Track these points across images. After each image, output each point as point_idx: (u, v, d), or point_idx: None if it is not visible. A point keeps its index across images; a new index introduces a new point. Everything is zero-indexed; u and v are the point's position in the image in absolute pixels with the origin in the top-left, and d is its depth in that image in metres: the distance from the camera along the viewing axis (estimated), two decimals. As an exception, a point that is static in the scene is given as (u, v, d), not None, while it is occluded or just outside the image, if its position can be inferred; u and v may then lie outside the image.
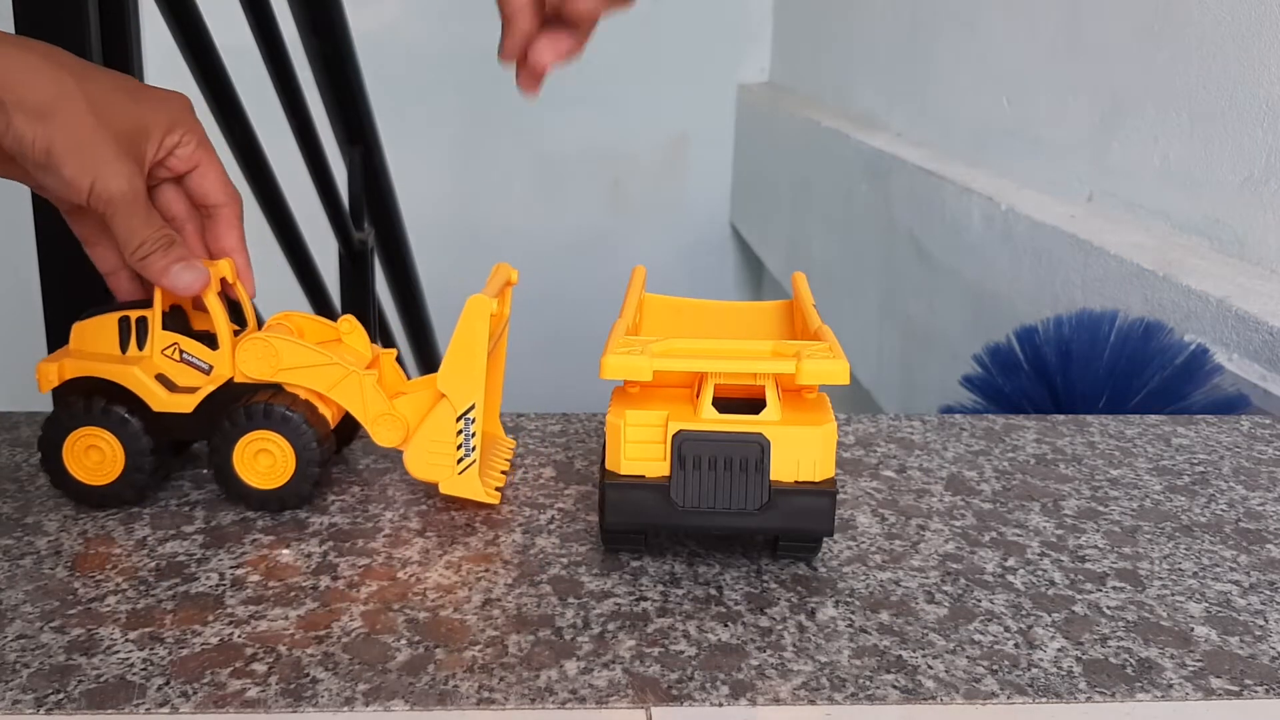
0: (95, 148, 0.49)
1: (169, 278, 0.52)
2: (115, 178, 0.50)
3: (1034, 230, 1.20)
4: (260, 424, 0.52)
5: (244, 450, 0.52)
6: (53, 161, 0.49)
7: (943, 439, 0.65)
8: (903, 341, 1.59)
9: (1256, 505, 0.57)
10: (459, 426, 0.52)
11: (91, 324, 0.54)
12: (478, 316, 0.51)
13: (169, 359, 0.54)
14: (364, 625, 0.44)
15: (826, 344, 0.48)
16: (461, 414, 0.52)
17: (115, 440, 0.52)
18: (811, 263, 2.03)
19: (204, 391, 0.53)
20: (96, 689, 0.40)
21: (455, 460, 0.52)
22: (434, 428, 0.52)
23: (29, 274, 0.92)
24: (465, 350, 0.51)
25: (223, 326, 0.53)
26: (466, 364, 0.51)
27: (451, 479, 0.53)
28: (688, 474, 0.46)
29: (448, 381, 0.52)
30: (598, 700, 0.40)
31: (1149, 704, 0.40)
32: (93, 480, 0.53)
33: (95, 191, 0.50)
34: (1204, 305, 0.91)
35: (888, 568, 0.50)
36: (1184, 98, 1.06)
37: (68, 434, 0.52)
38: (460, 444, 0.52)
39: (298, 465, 0.52)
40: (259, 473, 0.53)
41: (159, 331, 0.53)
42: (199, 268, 0.53)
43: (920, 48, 1.70)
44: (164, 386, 0.53)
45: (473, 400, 0.52)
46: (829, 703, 0.40)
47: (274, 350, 0.53)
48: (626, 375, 0.46)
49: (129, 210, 0.51)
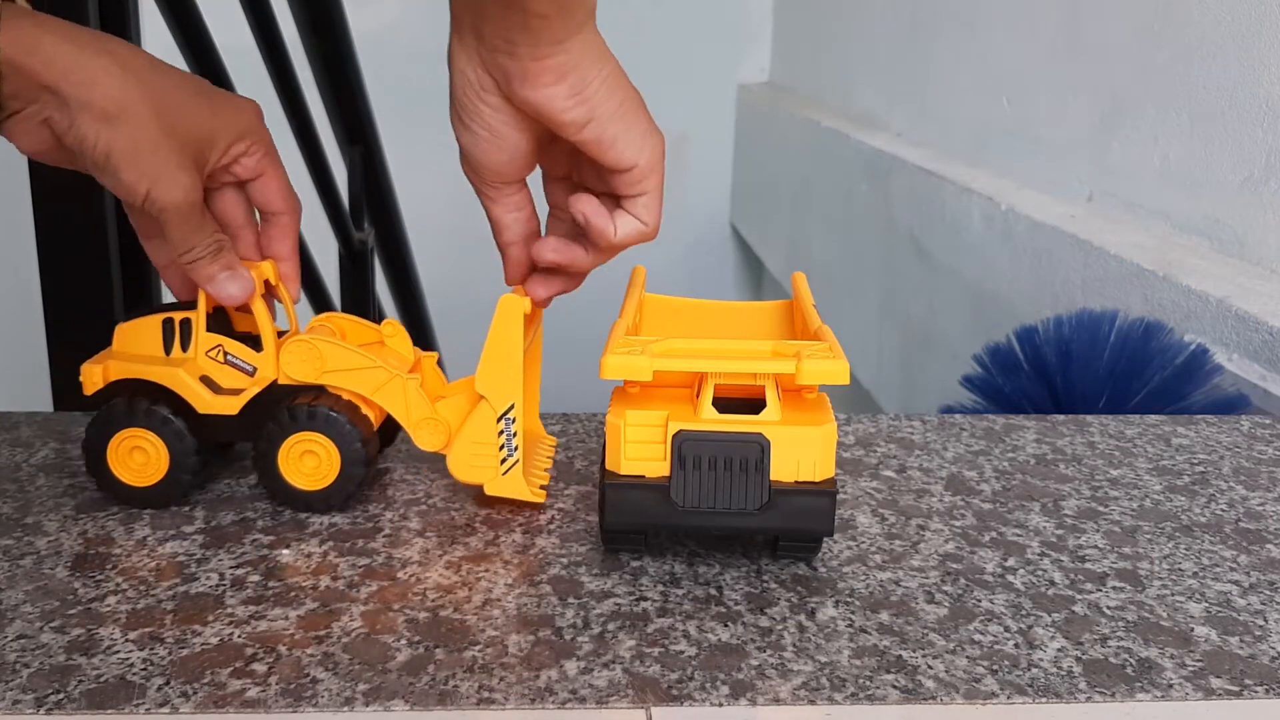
0: (155, 156, 0.49)
1: (215, 285, 0.52)
2: (173, 188, 0.50)
3: (1034, 230, 1.20)
4: (305, 426, 0.52)
5: (289, 452, 0.52)
6: (111, 165, 0.49)
7: (943, 439, 0.65)
8: (903, 341, 1.59)
9: (1256, 505, 0.57)
10: (500, 427, 0.52)
11: (135, 325, 0.54)
12: (511, 315, 0.51)
13: (213, 361, 0.53)
14: (364, 625, 0.44)
15: (826, 344, 0.48)
16: (502, 414, 0.52)
17: (160, 442, 0.52)
18: (811, 263, 2.03)
19: (249, 394, 0.53)
20: (96, 689, 0.40)
21: (499, 461, 0.52)
22: (475, 430, 0.52)
23: (29, 274, 0.92)
24: (501, 350, 0.51)
25: (267, 328, 0.53)
26: (503, 364, 0.51)
27: (496, 480, 0.53)
28: (688, 474, 0.46)
29: (485, 382, 0.52)
30: (598, 700, 0.40)
31: (1149, 704, 0.40)
32: (137, 481, 0.53)
33: (150, 198, 0.50)
34: (1204, 305, 0.91)
35: (888, 568, 0.50)
36: (1184, 98, 1.06)
37: (113, 435, 0.52)
38: (502, 444, 0.52)
39: (342, 467, 0.52)
40: (304, 474, 0.53)
41: (203, 333, 0.53)
42: (245, 276, 0.53)
43: (920, 48, 1.70)
44: (208, 388, 0.53)
45: (512, 400, 0.52)
46: (829, 703, 0.40)
47: (318, 352, 0.53)
48: (626, 375, 0.46)
49: (183, 219, 0.51)
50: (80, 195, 0.90)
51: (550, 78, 0.46)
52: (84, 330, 0.92)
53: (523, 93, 0.47)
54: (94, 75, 0.49)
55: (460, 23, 0.48)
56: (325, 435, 0.52)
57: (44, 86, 0.48)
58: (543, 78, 0.46)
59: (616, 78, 0.48)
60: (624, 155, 0.49)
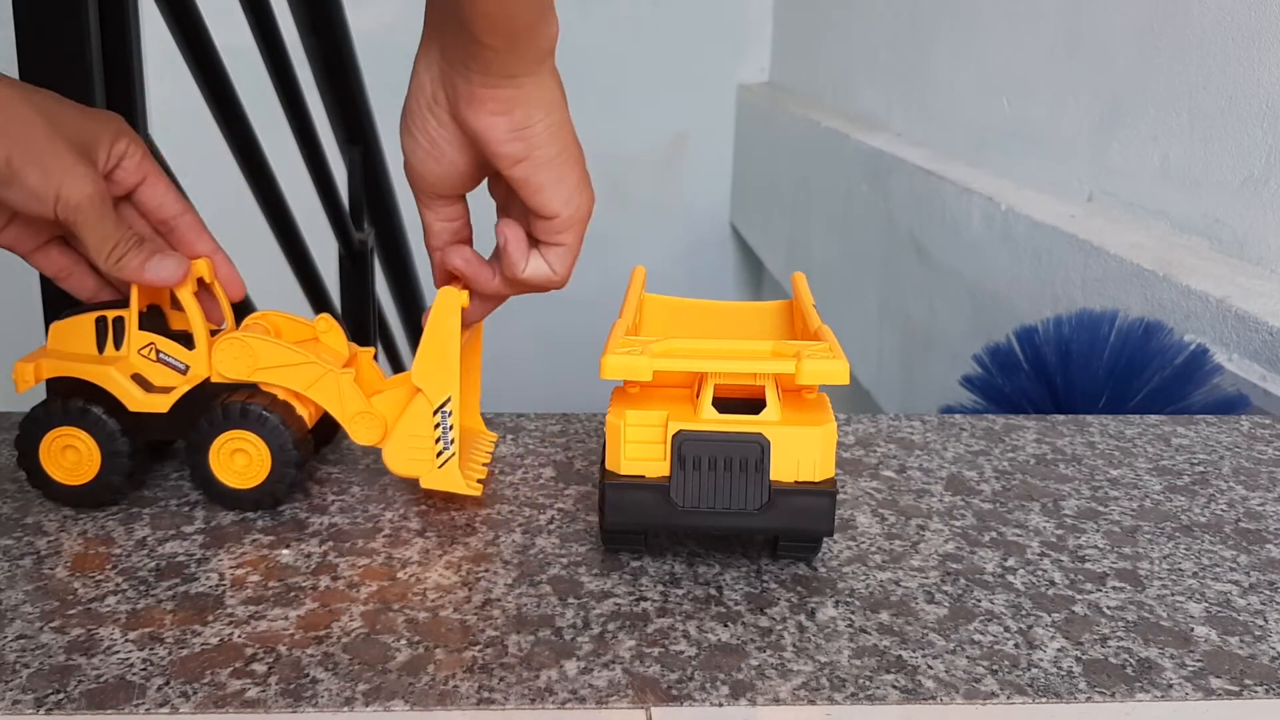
0: (55, 155, 0.49)
1: (149, 272, 0.52)
2: (80, 181, 0.50)
3: (1034, 230, 1.20)
4: (236, 423, 0.52)
5: (220, 449, 0.52)
6: (13, 171, 0.48)
7: (943, 439, 0.65)
8: (903, 341, 1.59)
9: (1256, 505, 0.57)
10: (436, 420, 0.52)
11: (69, 324, 0.54)
12: (449, 308, 0.51)
13: (145, 359, 0.53)
14: (364, 625, 0.44)
15: (826, 344, 0.48)
16: (438, 407, 0.52)
17: (91, 440, 0.52)
18: (811, 263, 2.03)
19: (179, 391, 0.53)
20: (96, 689, 0.40)
21: (434, 454, 0.52)
22: (411, 422, 0.52)
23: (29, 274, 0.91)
24: (438, 343, 0.51)
25: (199, 326, 0.53)
26: (440, 357, 0.51)
27: (432, 473, 0.53)
28: (688, 474, 0.46)
29: (422, 375, 0.51)
30: (598, 700, 0.40)
31: (1149, 704, 0.40)
32: (69, 480, 0.53)
33: (62, 199, 0.49)
34: (1204, 305, 0.91)
35: (888, 568, 0.50)
36: (1184, 98, 1.06)
37: (44, 433, 0.52)
38: (439, 437, 0.52)
39: (273, 465, 0.52)
40: (235, 472, 0.53)
41: (135, 331, 0.53)
42: (176, 256, 0.52)
43: (920, 48, 1.70)
44: (140, 386, 0.53)
45: (448, 393, 0.52)
46: (829, 703, 0.40)
47: (251, 350, 0.53)
48: (626, 375, 0.46)
49: (98, 214, 0.50)
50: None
51: (495, 106, 0.46)
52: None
53: (467, 114, 0.47)
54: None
55: (429, 33, 0.48)
56: (256, 434, 0.52)
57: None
58: (488, 104, 0.46)
59: (562, 128, 0.49)
60: (549, 203, 0.49)
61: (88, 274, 0.56)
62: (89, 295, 0.56)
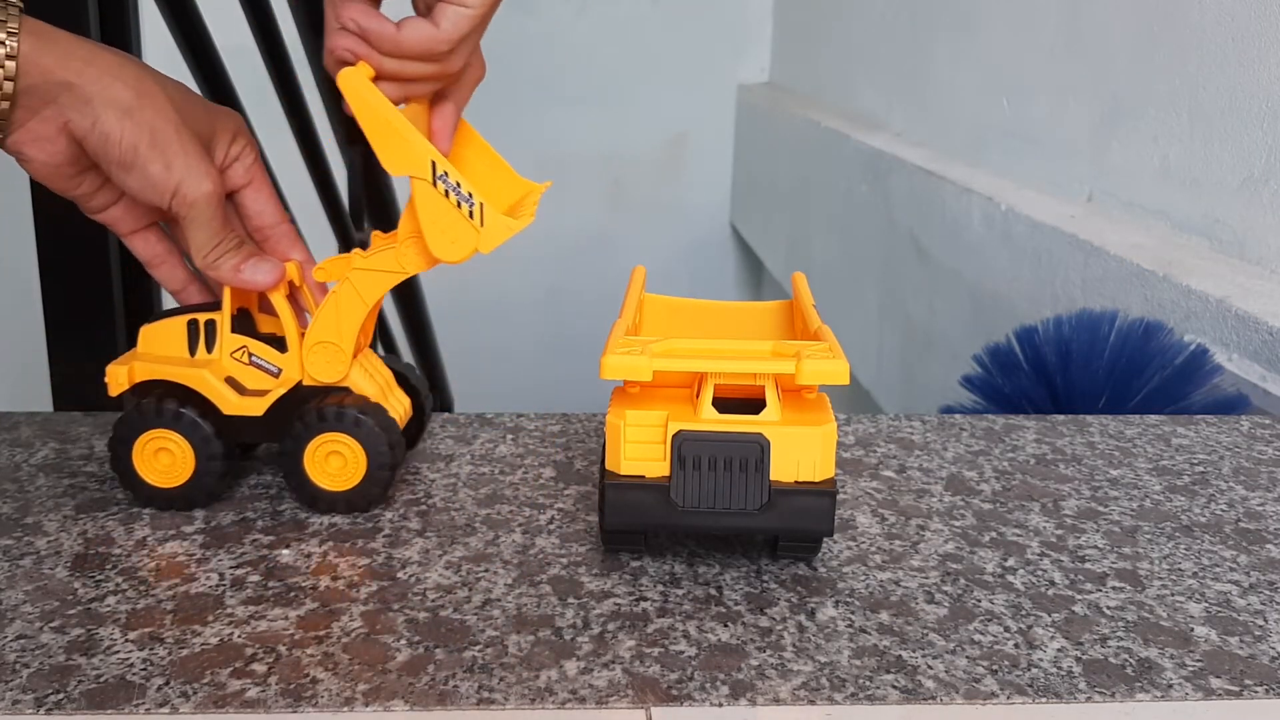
0: (180, 149, 0.49)
1: (245, 274, 0.51)
2: (200, 179, 0.49)
3: (1034, 230, 1.20)
4: (332, 427, 0.52)
5: (315, 453, 0.52)
6: (139, 160, 0.48)
7: (943, 439, 0.65)
8: (903, 341, 1.59)
9: (1256, 505, 0.57)
10: (441, 189, 0.49)
11: (159, 327, 0.54)
12: (356, 86, 0.48)
13: (238, 362, 0.53)
14: (364, 625, 0.44)
15: (826, 344, 0.48)
16: (433, 179, 0.49)
17: (186, 443, 0.52)
18: (811, 263, 2.03)
19: (275, 395, 0.53)
20: (96, 689, 0.40)
21: (467, 219, 0.49)
22: (427, 212, 0.49)
23: (29, 274, 0.92)
24: (375, 122, 0.48)
25: (292, 330, 0.53)
26: (389, 134, 0.48)
27: (483, 237, 0.49)
28: (688, 474, 0.46)
29: (388, 160, 0.48)
30: (598, 700, 0.40)
31: (1149, 704, 0.40)
32: (161, 483, 0.53)
33: (180, 193, 0.49)
34: (1204, 305, 0.91)
35: (888, 568, 0.50)
36: (1184, 98, 1.06)
37: (138, 436, 0.52)
38: (457, 202, 0.49)
39: (369, 468, 0.52)
40: (330, 475, 0.52)
41: (228, 334, 0.53)
42: (272, 260, 0.52)
43: (920, 48, 1.70)
44: (233, 390, 0.53)
45: (428, 158, 0.48)
46: (829, 703, 0.40)
47: (343, 354, 0.53)
48: (626, 375, 0.46)
49: (210, 213, 0.50)
50: (80, 195, 0.90)
51: None
52: (84, 330, 0.92)
53: None
54: (109, 67, 0.48)
55: None
56: (352, 437, 0.52)
57: (62, 83, 0.47)
58: None
59: None
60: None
61: (179, 265, 0.56)
62: (177, 287, 0.56)
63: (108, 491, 0.56)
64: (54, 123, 0.48)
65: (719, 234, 2.81)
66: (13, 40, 0.46)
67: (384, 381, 0.55)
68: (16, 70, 0.46)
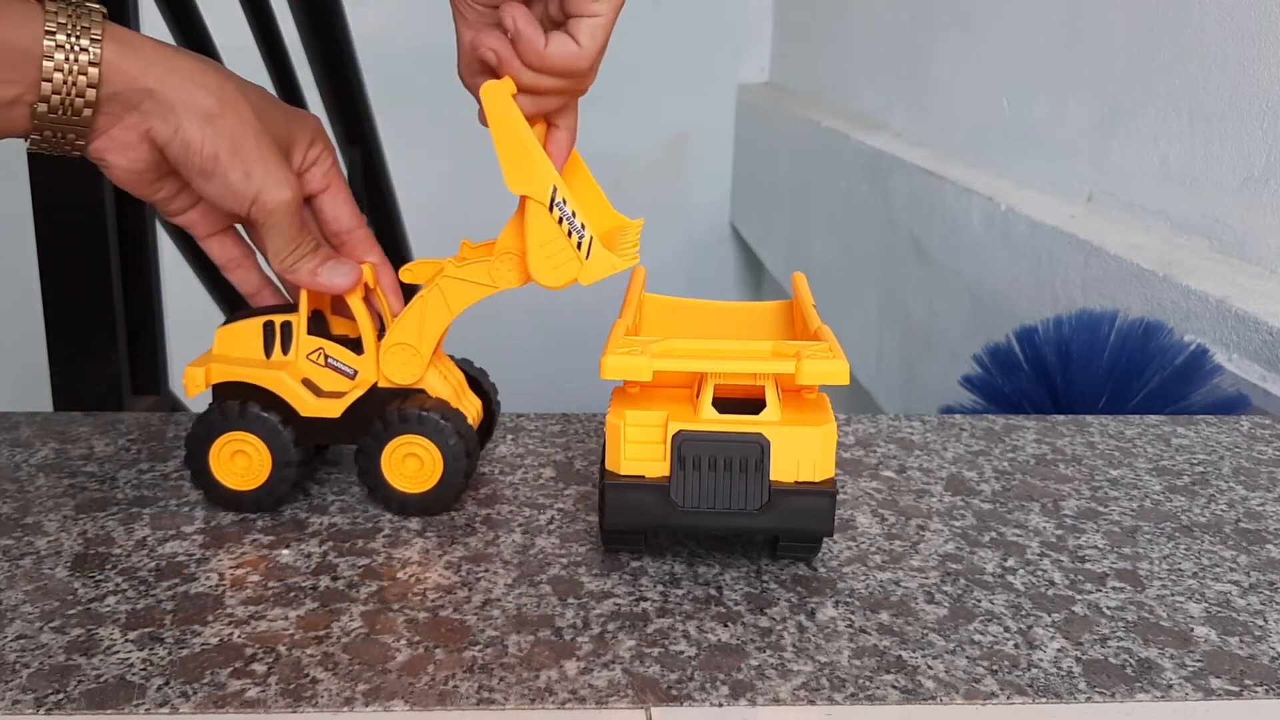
0: (260, 156, 0.49)
1: (322, 277, 0.51)
2: (280, 187, 0.49)
3: (1034, 230, 1.20)
4: (409, 429, 0.51)
5: (392, 455, 0.52)
6: (220, 167, 0.48)
7: (943, 439, 0.65)
8: (903, 341, 1.59)
9: (1256, 505, 0.57)
10: (556, 216, 0.49)
11: (235, 328, 0.54)
12: (498, 101, 0.48)
13: (314, 364, 0.53)
14: (364, 625, 0.44)
15: (826, 344, 0.48)
16: (550, 203, 0.49)
17: (263, 445, 0.52)
18: (811, 263, 2.03)
19: (351, 396, 0.53)
20: (96, 689, 0.40)
21: (574, 248, 0.49)
22: (535, 234, 0.49)
23: (29, 274, 0.92)
24: (509, 140, 0.48)
25: (368, 332, 0.53)
26: (519, 153, 0.48)
27: (584, 268, 0.50)
28: (688, 474, 0.46)
29: (514, 179, 0.49)
30: (598, 700, 0.40)
31: (1149, 704, 0.40)
32: (237, 485, 0.53)
33: (259, 201, 0.49)
34: (1204, 305, 0.91)
35: (888, 568, 0.50)
36: (1184, 98, 1.06)
37: (216, 437, 0.52)
38: (568, 230, 0.49)
39: (445, 469, 0.52)
40: (407, 477, 0.52)
41: (304, 336, 0.53)
42: (349, 263, 0.52)
43: (920, 48, 1.70)
44: (310, 391, 0.53)
45: (549, 183, 0.49)
46: (829, 703, 0.40)
47: (420, 357, 0.52)
48: (626, 375, 0.46)
49: (290, 219, 0.50)
50: (80, 195, 0.90)
51: None
52: (84, 330, 0.92)
53: None
54: (191, 74, 0.48)
55: None
56: (428, 438, 0.51)
57: (145, 89, 0.47)
58: None
59: None
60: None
61: (254, 269, 0.56)
62: (251, 290, 0.56)
63: (107, 491, 0.56)
64: (136, 130, 0.48)
65: (719, 234, 2.81)
66: (96, 47, 0.46)
67: (457, 384, 0.55)
68: (100, 77, 0.46)
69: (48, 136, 0.47)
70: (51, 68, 0.45)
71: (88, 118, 0.47)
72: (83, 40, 0.46)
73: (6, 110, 0.46)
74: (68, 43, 0.45)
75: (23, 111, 0.46)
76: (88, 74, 0.46)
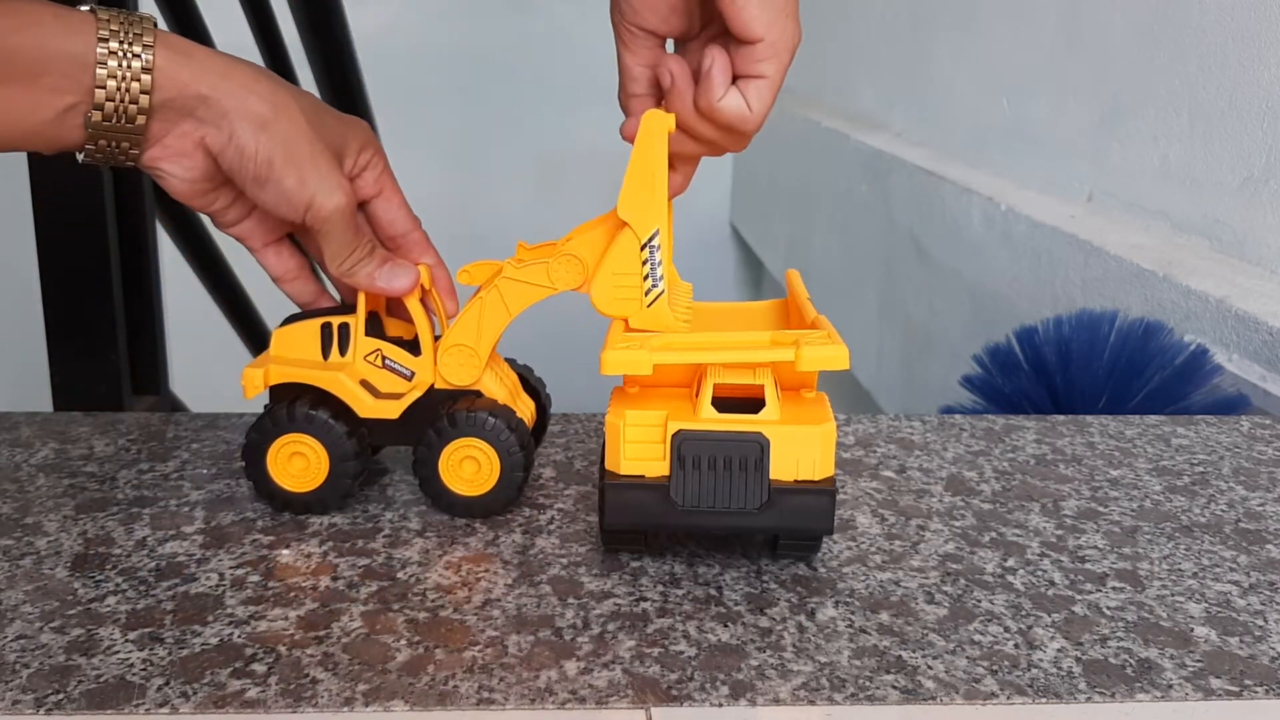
0: (314, 162, 0.49)
1: (380, 280, 0.51)
2: (334, 192, 0.49)
3: (1034, 230, 1.20)
4: (466, 431, 0.51)
5: (449, 458, 0.52)
6: (274, 174, 0.48)
7: (943, 439, 0.65)
8: (903, 341, 1.59)
9: (1256, 505, 0.57)
10: (644, 256, 0.49)
11: (292, 330, 0.53)
12: (655, 132, 0.48)
13: (371, 365, 0.53)
14: (364, 625, 0.44)
15: (824, 331, 0.48)
16: (645, 242, 0.49)
17: (322, 448, 0.52)
18: (811, 263, 2.03)
19: (410, 398, 0.53)
20: (96, 689, 0.40)
21: (644, 292, 0.49)
22: (617, 260, 0.49)
23: (29, 274, 0.92)
24: (645, 171, 0.48)
25: (426, 334, 0.53)
26: (648, 186, 0.48)
27: (640, 312, 0.50)
28: (687, 474, 0.46)
29: (629, 207, 0.48)
30: (598, 700, 0.40)
31: (1149, 704, 0.40)
32: (294, 487, 0.52)
33: (314, 207, 0.49)
34: (1204, 305, 0.91)
35: (888, 568, 0.50)
36: (1184, 98, 1.06)
37: (275, 439, 0.52)
38: (647, 274, 0.49)
39: (502, 471, 0.52)
40: (464, 480, 0.52)
41: (362, 337, 0.53)
42: (407, 265, 0.52)
43: (920, 48, 1.70)
44: (369, 393, 0.53)
45: (656, 226, 0.48)
46: (829, 703, 0.40)
47: (478, 358, 0.52)
48: (627, 370, 0.46)
49: (344, 224, 0.50)
50: (80, 195, 0.90)
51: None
52: (84, 330, 0.92)
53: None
54: (245, 80, 0.48)
55: None
56: (486, 441, 0.51)
57: (198, 96, 0.47)
58: None
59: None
60: (753, 23, 0.46)
61: (310, 280, 0.56)
62: (307, 301, 0.56)
63: (107, 491, 0.56)
64: (190, 137, 0.48)
65: (719, 234, 2.81)
66: (148, 53, 0.46)
67: (512, 385, 0.55)
68: (153, 84, 0.46)
69: (102, 146, 0.47)
70: (104, 75, 0.46)
71: (141, 125, 0.47)
72: (135, 47, 0.46)
73: (60, 120, 0.46)
74: (120, 49, 0.46)
75: (77, 121, 0.47)
76: (140, 81, 0.46)
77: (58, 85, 0.45)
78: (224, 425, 0.65)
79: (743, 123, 0.48)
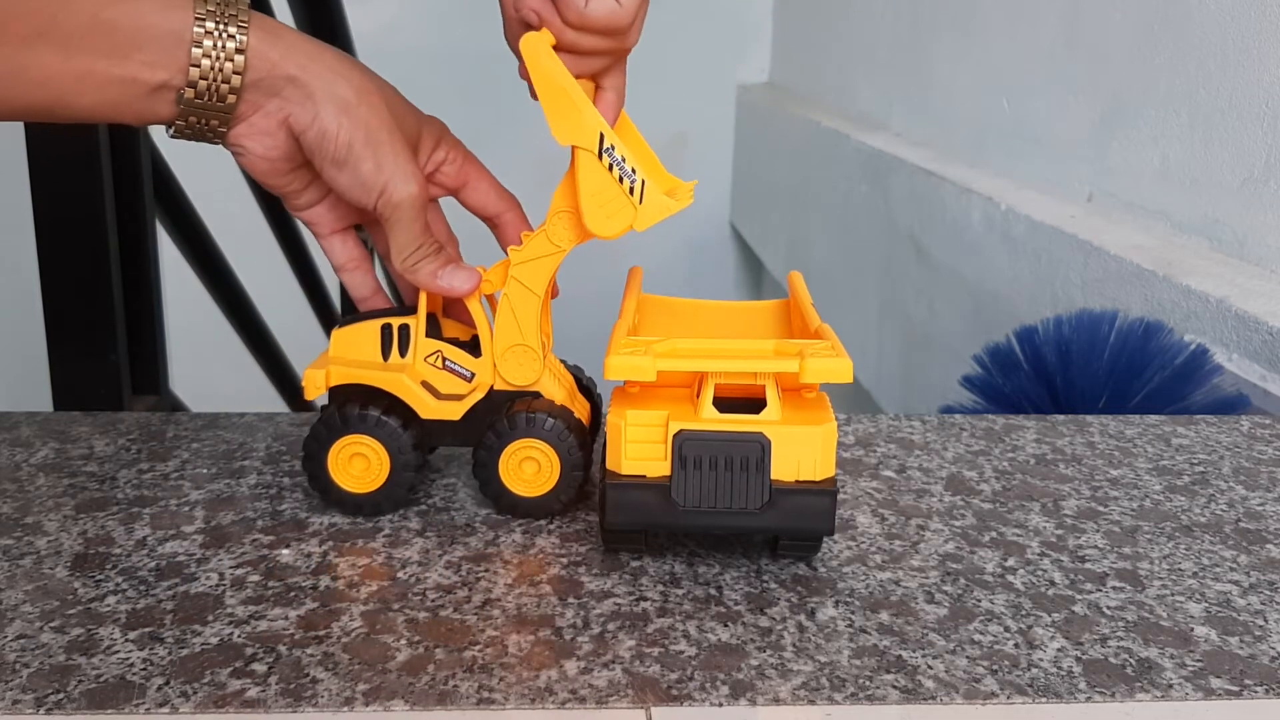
0: (391, 149, 0.49)
1: (442, 280, 0.51)
2: (408, 181, 0.49)
3: (1034, 230, 1.20)
4: (526, 433, 0.51)
5: (509, 459, 0.52)
6: (352, 157, 0.48)
7: (943, 439, 0.65)
8: (903, 341, 1.59)
9: (1256, 505, 0.57)
10: (606, 162, 0.49)
11: (352, 330, 0.53)
12: (538, 52, 0.48)
13: (432, 366, 0.53)
14: (364, 625, 0.44)
15: (828, 342, 0.48)
16: (600, 151, 0.49)
17: (382, 449, 0.52)
18: (811, 263, 2.03)
19: (471, 399, 0.53)
20: (96, 689, 0.40)
21: (627, 193, 0.49)
22: (587, 182, 0.49)
23: (29, 274, 0.92)
24: (552, 90, 0.48)
25: (486, 334, 0.53)
26: (563, 101, 0.48)
27: (640, 215, 0.49)
28: (688, 474, 0.46)
29: (559, 128, 0.48)
30: (598, 700, 0.40)
31: (1149, 704, 0.40)
32: (354, 488, 0.52)
33: (386, 193, 0.49)
34: (1204, 305, 0.91)
35: (888, 568, 0.50)
36: (1184, 98, 1.06)
37: (335, 440, 0.52)
38: (620, 176, 0.49)
39: (562, 472, 0.52)
40: (524, 481, 0.52)
41: (422, 338, 0.53)
42: (469, 268, 0.52)
43: (920, 48, 1.70)
44: (430, 394, 0.52)
45: (597, 129, 0.48)
46: (829, 703, 0.40)
47: (536, 355, 0.52)
48: (631, 376, 0.46)
49: (414, 215, 0.50)
50: (80, 195, 0.90)
51: None
52: (84, 330, 0.92)
53: None
54: (331, 64, 0.48)
55: None
56: (546, 442, 0.51)
57: (287, 76, 0.47)
58: None
59: None
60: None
61: (370, 272, 0.56)
62: (365, 294, 0.56)
63: (107, 491, 0.56)
64: (275, 117, 0.48)
65: (719, 234, 2.81)
66: (242, 34, 0.46)
67: (569, 385, 0.55)
68: (245, 64, 0.47)
69: (191, 123, 0.48)
70: (200, 54, 0.46)
71: (232, 104, 0.47)
72: (230, 28, 0.46)
73: (153, 96, 0.47)
74: (216, 29, 0.46)
75: (169, 97, 0.47)
76: (234, 61, 0.46)
77: (153, 61, 0.46)
78: (224, 425, 0.65)
79: (615, 17, 0.48)
